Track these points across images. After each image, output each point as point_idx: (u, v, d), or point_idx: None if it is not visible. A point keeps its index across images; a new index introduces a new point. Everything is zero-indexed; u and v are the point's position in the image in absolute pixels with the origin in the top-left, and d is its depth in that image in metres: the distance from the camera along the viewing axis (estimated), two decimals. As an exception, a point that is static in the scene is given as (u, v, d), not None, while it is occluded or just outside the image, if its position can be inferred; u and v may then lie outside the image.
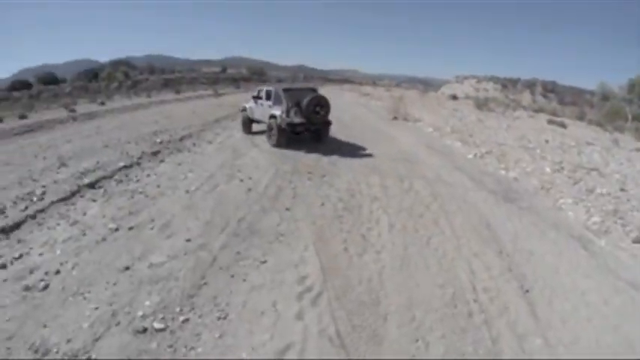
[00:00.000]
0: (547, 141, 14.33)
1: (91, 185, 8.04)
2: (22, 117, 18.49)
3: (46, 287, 4.64)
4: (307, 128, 11.66)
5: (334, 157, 10.72)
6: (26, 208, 6.83)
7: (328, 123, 12.32)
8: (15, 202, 7.03)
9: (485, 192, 8.29)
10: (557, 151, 12.65)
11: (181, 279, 4.81)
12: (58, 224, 6.33)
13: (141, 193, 7.69)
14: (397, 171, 9.58)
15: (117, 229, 6.09)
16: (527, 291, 4.74)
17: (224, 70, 62.79)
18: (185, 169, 9.30)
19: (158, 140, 12.33)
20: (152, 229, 6.15)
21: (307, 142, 12.26)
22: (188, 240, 5.76)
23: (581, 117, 24.10)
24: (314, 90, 12.56)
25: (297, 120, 11.27)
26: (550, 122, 19.90)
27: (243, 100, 23.80)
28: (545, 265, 5.38)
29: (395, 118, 19.55)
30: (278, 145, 11.64)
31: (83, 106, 23.09)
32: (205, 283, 4.75)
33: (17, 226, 6.20)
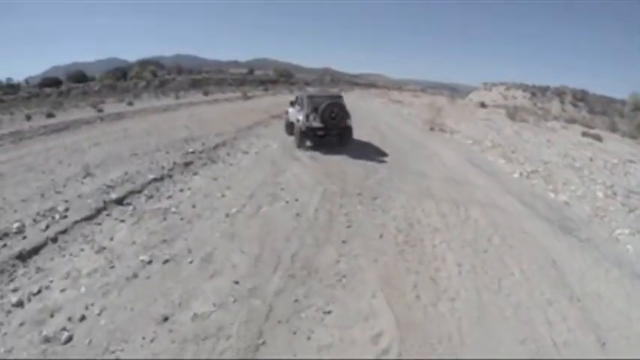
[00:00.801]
0: (591, 159, 13.43)
1: (119, 201, 7.26)
2: (50, 115, 18.16)
3: (69, 340, 3.88)
4: (328, 133, 12.19)
5: (380, 175, 9.77)
6: (47, 227, 6.11)
7: (348, 128, 12.68)
8: (35, 220, 6.34)
9: (540, 220, 7.59)
10: (604, 172, 11.76)
11: (234, 337, 3.95)
12: (82, 250, 5.57)
13: (174, 213, 6.85)
14: (449, 194, 8.75)
15: (150, 262, 5.25)
16: (604, 344, 4.33)
17: (251, 71, 62.92)
18: (222, 185, 8.42)
19: (190, 149, 11.53)
20: (191, 263, 5.28)
21: (350, 156, 11.64)
22: (236, 282, 4.86)
23: (612, 128, 23.30)
24: (338, 97, 13.04)
25: (316, 124, 11.91)
26: (584, 134, 18.97)
27: (273, 104, 23.32)
28: (615, 311, 4.91)
29: (431, 129, 18.73)
30: (299, 146, 12.36)
31: (111, 106, 22.90)
32: (263, 343, 3.91)
33: (36, 250, 5.48)
